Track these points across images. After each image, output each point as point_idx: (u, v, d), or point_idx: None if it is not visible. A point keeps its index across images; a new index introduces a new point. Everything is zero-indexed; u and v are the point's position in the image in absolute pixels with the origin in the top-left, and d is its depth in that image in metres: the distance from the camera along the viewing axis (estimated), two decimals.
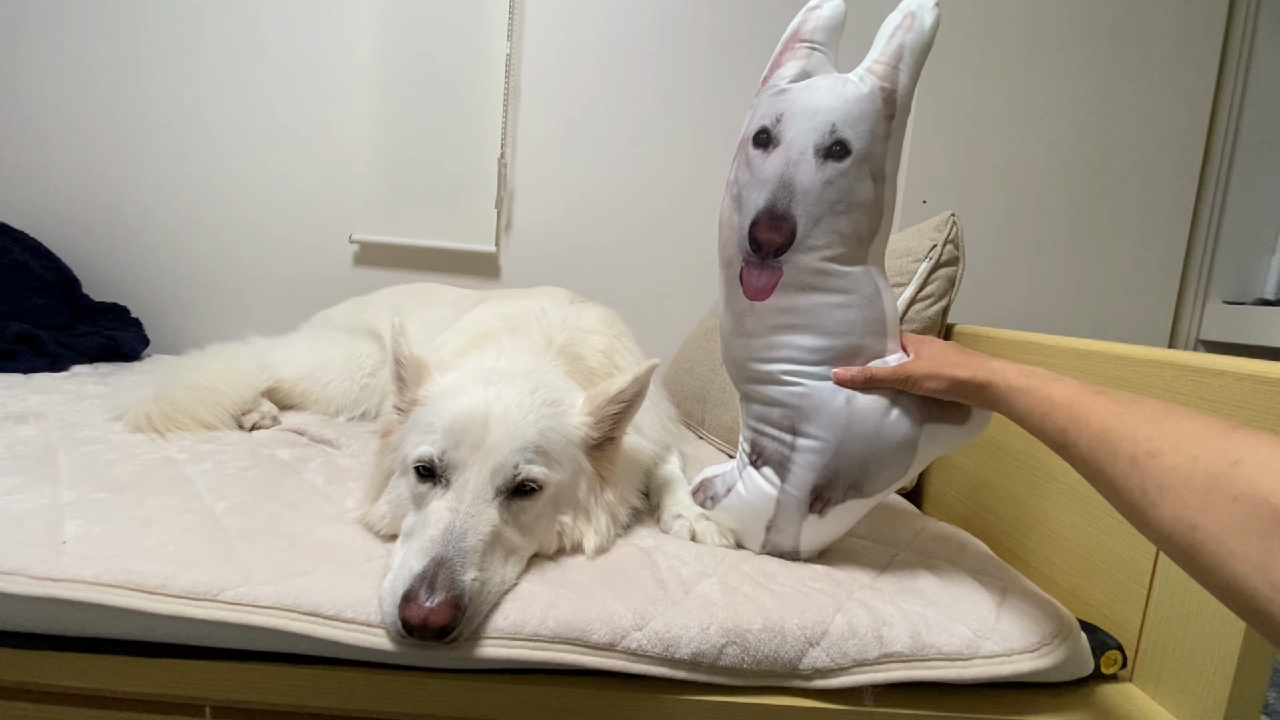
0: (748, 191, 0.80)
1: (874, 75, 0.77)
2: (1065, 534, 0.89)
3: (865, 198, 0.78)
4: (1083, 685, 0.74)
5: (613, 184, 1.93)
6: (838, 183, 0.76)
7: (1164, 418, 0.48)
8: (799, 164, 0.77)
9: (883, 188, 0.79)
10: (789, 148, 0.77)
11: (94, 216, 1.89)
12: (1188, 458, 0.44)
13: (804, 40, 0.81)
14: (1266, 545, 0.38)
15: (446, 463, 0.72)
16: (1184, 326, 1.96)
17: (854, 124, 0.76)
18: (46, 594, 0.63)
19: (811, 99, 0.77)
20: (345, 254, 1.94)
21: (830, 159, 0.76)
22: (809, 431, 0.79)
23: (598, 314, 1.16)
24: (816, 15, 0.82)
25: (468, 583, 0.63)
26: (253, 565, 0.68)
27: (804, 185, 0.76)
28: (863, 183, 0.77)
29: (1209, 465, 0.42)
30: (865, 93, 0.76)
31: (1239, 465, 0.41)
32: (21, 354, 1.54)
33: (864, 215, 0.78)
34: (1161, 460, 0.46)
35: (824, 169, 0.76)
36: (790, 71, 0.80)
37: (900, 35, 0.77)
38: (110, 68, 1.85)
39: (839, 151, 0.76)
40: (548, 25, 1.87)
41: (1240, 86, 1.89)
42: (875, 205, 0.79)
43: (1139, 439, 0.48)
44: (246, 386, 1.32)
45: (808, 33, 0.81)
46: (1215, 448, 0.43)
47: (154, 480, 0.90)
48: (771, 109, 0.80)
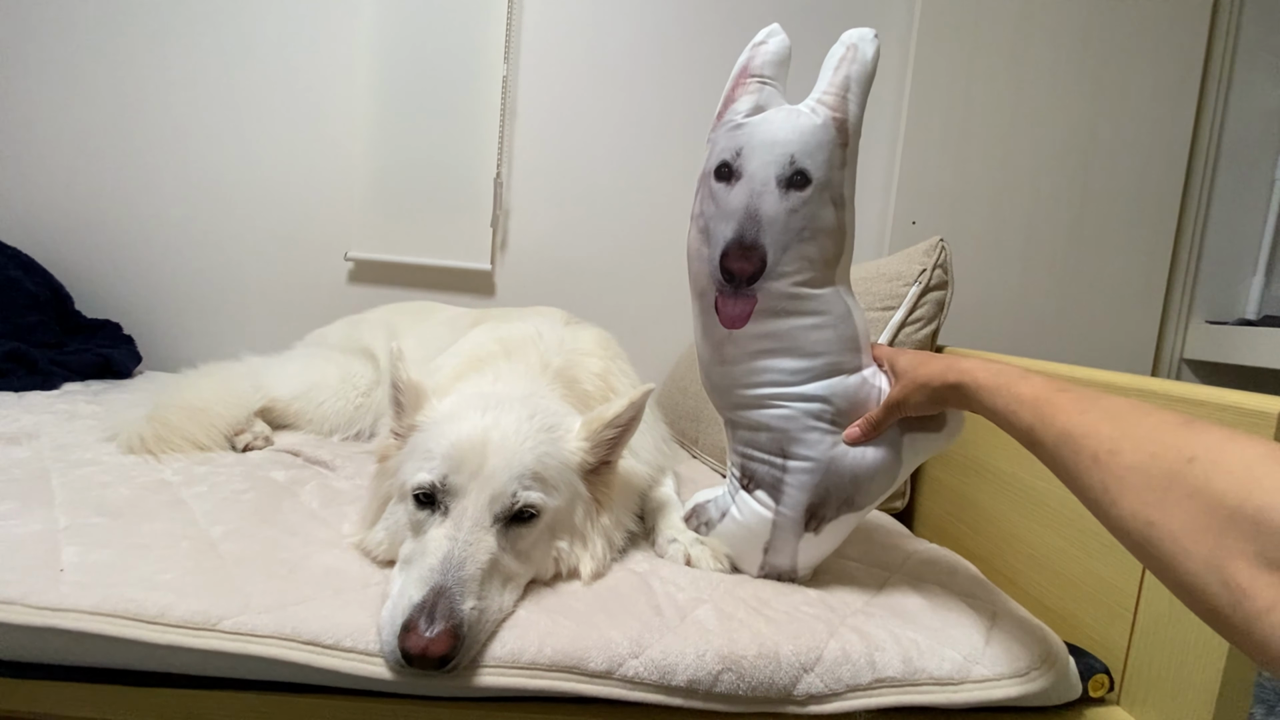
0: (714, 224, 0.82)
1: (825, 106, 0.80)
2: (1053, 557, 0.90)
3: (828, 223, 0.80)
4: (1071, 709, 0.75)
5: (606, 204, 1.96)
6: (802, 210, 0.79)
7: (1124, 415, 0.49)
8: (763, 195, 0.79)
9: (843, 212, 0.82)
10: (751, 179, 0.80)
11: (86, 232, 1.89)
12: (1146, 455, 0.45)
13: (754, 75, 0.84)
14: (1219, 542, 0.39)
15: (445, 490, 0.73)
16: (1168, 346, 1.99)
17: (812, 154, 0.78)
18: (46, 624, 0.63)
19: (769, 132, 0.80)
20: (340, 271, 1.94)
21: (792, 188, 0.78)
22: (798, 453, 0.81)
23: (593, 336, 1.18)
24: (764, 50, 0.84)
25: (466, 612, 0.63)
26: (250, 593, 0.68)
27: (770, 215, 0.79)
28: (825, 209, 0.80)
29: (1165, 463, 0.43)
30: (819, 124, 0.79)
31: (1194, 462, 0.42)
32: (13, 372, 1.53)
33: (829, 239, 0.81)
34: (1121, 458, 0.47)
35: (787, 198, 0.78)
36: (744, 106, 0.83)
37: (845, 67, 0.80)
38: (105, 86, 1.86)
39: (800, 181, 0.78)
40: (544, 48, 1.90)
41: (1221, 107, 1.94)
42: (838, 229, 0.81)
43: (1101, 437, 0.49)
44: (240, 406, 1.31)
45: (756, 68, 0.84)
46: (1172, 445, 0.44)
47: (149, 504, 0.90)
48: (730, 143, 0.82)
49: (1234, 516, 0.39)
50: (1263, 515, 0.37)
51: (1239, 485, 0.39)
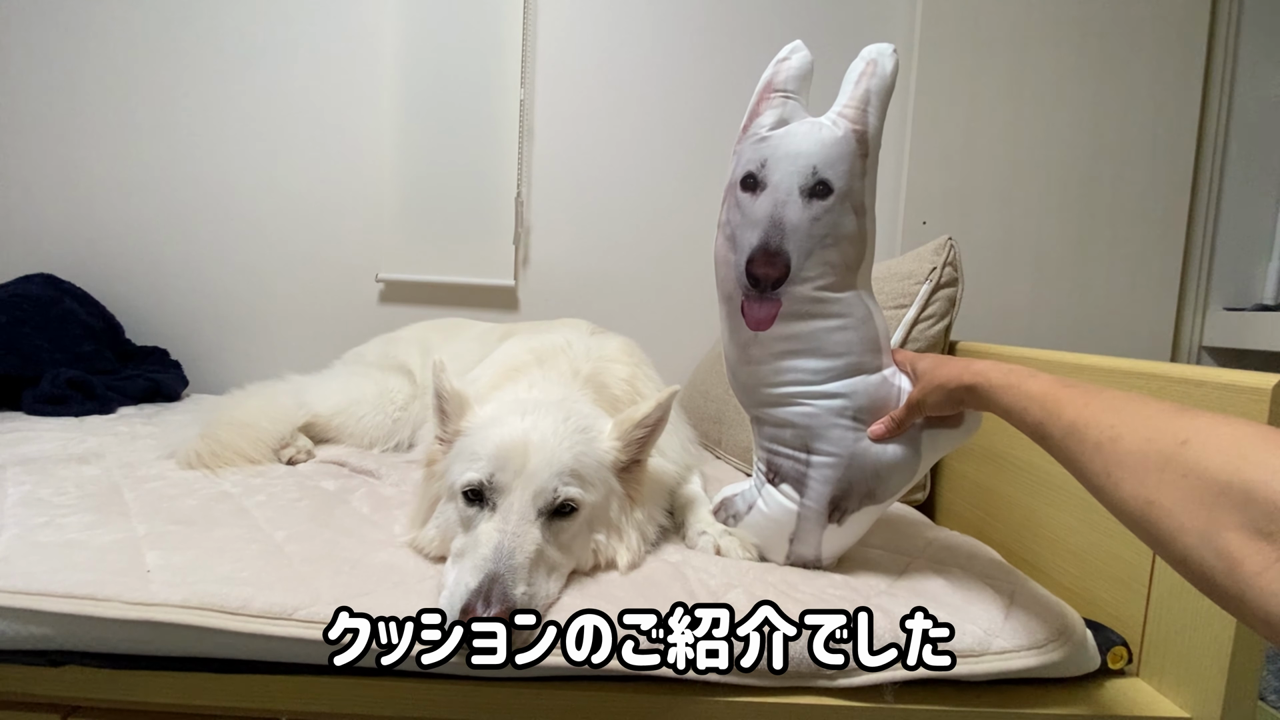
0: (740, 232, 0.87)
1: (846, 119, 0.84)
2: (1070, 539, 0.94)
3: (850, 230, 0.85)
4: (1092, 680, 0.78)
5: (624, 218, 2.02)
6: (824, 219, 0.83)
7: (1123, 405, 0.53)
8: (786, 204, 0.84)
9: (864, 219, 0.86)
10: (776, 190, 0.84)
11: (134, 265, 2.00)
12: (1143, 440, 0.49)
13: (778, 90, 0.88)
14: (1212, 516, 0.42)
15: (492, 487, 0.79)
16: (1186, 334, 2.00)
17: (833, 165, 0.83)
18: (141, 617, 0.70)
19: (792, 144, 0.84)
20: (372, 292, 2.03)
21: (815, 198, 0.83)
22: (822, 449, 0.86)
23: (618, 344, 1.23)
24: (787, 66, 0.89)
25: (519, 595, 0.69)
26: (319, 587, 0.75)
27: (793, 223, 0.83)
28: (846, 217, 0.84)
29: (1161, 446, 0.47)
30: (840, 136, 0.83)
31: (1187, 445, 0.45)
32: (72, 398, 1.62)
33: (850, 245, 0.85)
34: (1121, 445, 0.50)
35: (810, 207, 0.83)
36: (769, 120, 0.87)
37: (865, 81, 0.85)
38: (148, 130, 1.98)
39: (822, 191, 0.83)
40: (558, 70, 1.98)
41: (1228, 93, 1.94)
42: (859, 236, 0.86)
43: (1102, 426, 0.53)
44: (285, 422, 1.38)
45: (780, 83, 0.88)
46: (1166, 430, 0.47)
47: (216, 513, 0.97)
48: (755, 155, 0.87)
49: (1225, 492, 0.42)
50: (1252, 489, 0.40)
51: (1229, 463, 0.42)
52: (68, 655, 0.72)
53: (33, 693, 0.74)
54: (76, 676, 0.73)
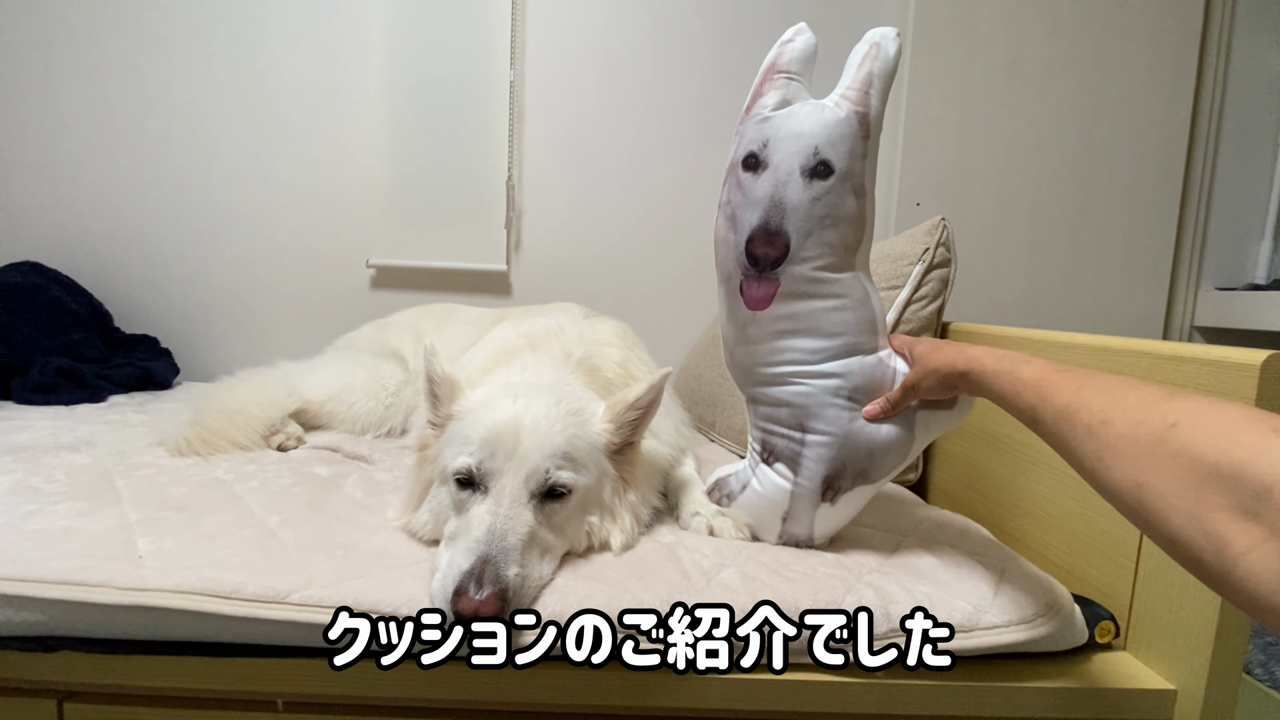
0: (741, 211, 0.87)
1: (848, 101, 0.84)
2: (1059, 516, 0.95)
3: (849, 211, 0.85)
4: (1080, 654, 0.79)
5: (615, 201, 2.01)
6: (824, 199, 0.83)
7: (1114, 389, 0.54)
8: (787, 184, 0.83)
9: (864, 201, 0.86)
10: (777, 170, 0.84)
11: (122, 252, 1.98)
12: (1133, 424, 0.49)
13: (781, 71, 0.88)
14: (1200, 497, 0.42)
15: (484, 471, 0.79)
16: (1178, 314, 2.01)
17: (834, 145, 0.83)
18: (133, 602, 0.70)
19: (795, 125, 0.84)
20: (363, 278, 2.02)
21: (816, 178, 0.83)
22: (816, 428, 0.86)
23: (611, 327, 1.23)
24: (790, 48, 0.89)
25: (511, 577, 0.69)
26: (313, 571, 0.75)
27: (794, 203, 0.83)
28: (846, 198, 0.84)
29: (1151, 429, 0.47)
30: (842, 117, 0.83)
31: (1176, 427, 0.46)
32: (62, 387, 1.61)
33: (849, 227, 0.85)
34: (1112, 428, 0.51)
35: (811, 188, 0.83)
36: (772, 100, 0.87)
37: (868, 64, 0.85)
38: (136, 114, 1.94)
39: (823, 171, 0.83)
40: (547, 52, 1.95)
41: (1222, 72, 1.94)
42: (859, 217, 0.86)
43: (1093, 410, 0.53)
44: (276, 408, 1.38)
45: (784, 64, 0.88)
46: (1156, 413, 0.48)
47: (209, 499, 0.97)
48: (758, 135, 0.87)
49: (1213, 473, 0.42)
50: (1239, 470, 0.41)
51: (1216, 445, 0.43)
52: (61, 641, 0.72)
53: (28, 678, 0.74)
54: (71, 662, 0.73)
